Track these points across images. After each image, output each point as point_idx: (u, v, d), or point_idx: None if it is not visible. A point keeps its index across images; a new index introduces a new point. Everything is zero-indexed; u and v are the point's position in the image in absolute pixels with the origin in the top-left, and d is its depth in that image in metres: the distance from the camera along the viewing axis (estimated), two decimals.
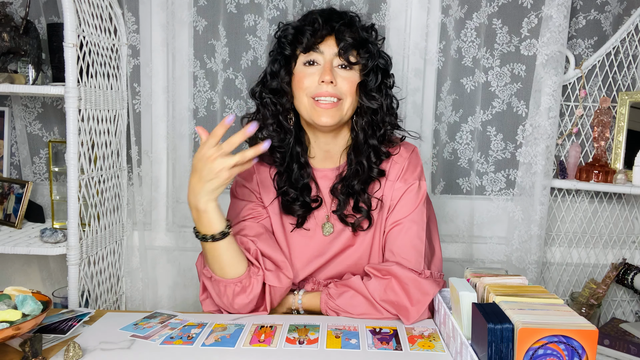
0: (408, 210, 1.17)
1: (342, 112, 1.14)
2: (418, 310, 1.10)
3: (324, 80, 1.11)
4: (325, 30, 1.12)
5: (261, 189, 1.24)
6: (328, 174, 1.22)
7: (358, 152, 1.18)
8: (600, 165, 1.59)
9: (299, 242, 1.22)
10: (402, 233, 1.16)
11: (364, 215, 1.18)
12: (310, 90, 1.13)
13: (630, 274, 1.57)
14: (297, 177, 1.20)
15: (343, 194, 1.18)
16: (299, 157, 1.20)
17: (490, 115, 1.68)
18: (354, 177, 1.17)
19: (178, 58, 1.67)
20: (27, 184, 1.61)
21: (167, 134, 1.69)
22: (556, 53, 1.53)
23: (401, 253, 1.15)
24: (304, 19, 1.17)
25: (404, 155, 1.21)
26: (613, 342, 1.48)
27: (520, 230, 1.63)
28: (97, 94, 1.46)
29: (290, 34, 1.15)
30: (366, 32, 1.17)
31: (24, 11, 1.53)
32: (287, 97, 1.17)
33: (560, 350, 0.77)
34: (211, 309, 1.17)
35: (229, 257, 1.09)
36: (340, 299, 1.13)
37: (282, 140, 1.19)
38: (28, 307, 0.95)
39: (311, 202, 1.20)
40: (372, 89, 1.15)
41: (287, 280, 1.15)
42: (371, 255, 1.21)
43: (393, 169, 1.20)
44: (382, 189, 1.20)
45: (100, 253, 1.55)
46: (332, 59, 1.13)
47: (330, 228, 1.21)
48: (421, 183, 1.20)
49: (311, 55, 1.13)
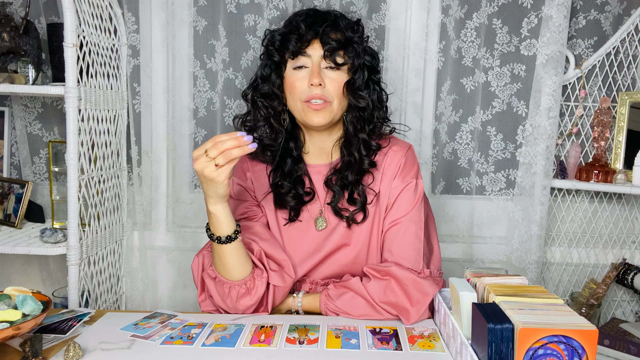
0: (406, 209, 1.18)
1: (332, 112, 1.16)
2: (418, 310, 1.10)
3: (312, 84, 1.13)
4: (310, 35, 1.14)
5: (255, 186, 1.26)
6: (321, 170, 1.24)
7: (349, 145, 1.20)
8: (600, 165, 1.59)
9: (292, 237, 1.23)
10: (400, 232, 1.17)
11: (358, 207, 1.18)
12: (301, 94, 1.15)
13: (630, 274, 1.57)
14: (290, 169, 1.22)
15: (337, 185, 1.19)
16: (292, 151, 1.23)
17: (490, 115, 1.68)
18: (347, 168, 1.19)
19: (178, 58, 1.67)
20: (27, 184, 1.61)
21: (167, 134, 1.69)
22: (556, 53, 1.53)
23: (400, 252, 1.15)
24: (288, 23, 1.18)
25: (400, 153, 1.22)
26: (613, 342, 1.48)
27: (520, 230, 1.64)
28: (97, 94, 1.46)
29: (277, 41, 1.17)
30: (352, 29, 1.17)
31: (24, 11, 1.53)
32: (279, 100, 1.19)
33: (560, 350, 0.77)
34: (210, 309, 1.18)
35: (234, 259, 1.10)
36: (340, 301, 1.13)
37: (274, 140, 1.22)
38: (28, 307, 0.95)
39: (304, 195, 1.22)
40: (360, 87, 1.16)
41: (290, 280, 1.16)
42: (369, 254, 1.21)
43: (390, 166, 1.21)
44: (379, 183, 1.20)
45: (100, 253, 1.55)
46: (319, 61, 1.14)
47: (323, 222, 1.21)
48: (418, 181, 1.21)
49: (299, 59, 1.15)
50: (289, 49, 1.14)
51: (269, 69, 1.19)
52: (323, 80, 1.13)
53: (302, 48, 1.14)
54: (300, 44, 1.14)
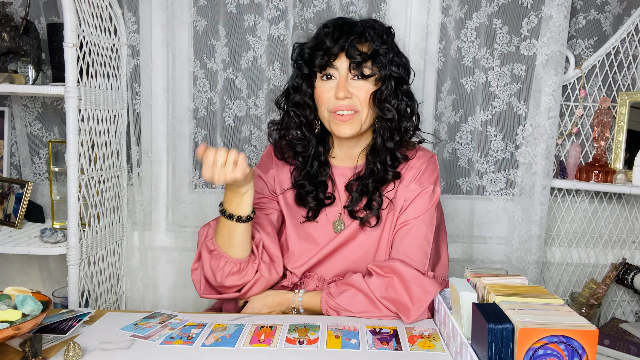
0: (419, 212, 1.20)
1: (360, 122, 1.18)
2: (419, 308, 1.10)
3: (338, 97, 1.15)
4: (336, 49, 1.16)
5: (276, 181, 1.30)
6: (346, 172, 1.27)
7: (375, 154, 1.22)
8: (600, 165, 1.59)
9: (308, 235, 1.25)
10: (410, 232, 1.19)
11: (373, 213, 1.21)
12: (329, 104, 1.18)
13: (630, 274, 1.57)
14: (315, 173, 1.26)
15: (357, 191, 1.22)
16: (319, 155, 1.26)
17: (490, 115, 1.68)
18: (370, 176, 1.21)
19: (178, 58, 1.67)
20: (27, 184, 1.61)
21: (167, 134, 1.69)
22: (556, 53, 1.53)
23: (407, 252, 1.17)
24: (316, 37, 1.21)
25: (422, 159, 1.24)
26: (613, 342, 1.48)
27: (520, 230, 1.63)
28: (97, 94, 1.46)
29: (306, 54, 1.20)
30: (380, 39, 1.18)
31: (24, 11, 1.53)
32: (310, 109, 1.23)
33: (560, 350, 0.77)
34: (196, 279, 1.21)
35: (241, 239, 1.15)
36: (341, 298, 1.14)
37: (305, 147, 1.26)
38: (28, 307, 0.95)
39: (325, 199, 1.25)
40: (386, 98, 1.17)
41: (277, 276, 1.20)
42: (377, 254, 1.22)
43: (409, 173, 1.23)
44: (395, 190, 1.23)
45: (100, 253, 1.55)
46: (346, 73, 1.17)
47: (341, 225, 1.25)
48: (436, 188, 1.23)
49: (328, 70, 1.18)
50: (316, 64, 1.18)
51: (300, 79, 1.23)
52: (349, 91, 1.16)
53: (329, 62, 1.17)
54: (327, 57, 1.16)
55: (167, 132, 1.69)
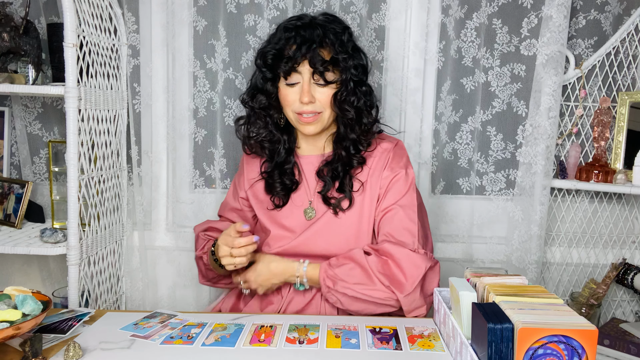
0: (398, 196, 1.25)
1: (323, 121, 1.26)
2: (412, 283, 1.14)
3: (303, 102, 1.22)
4: (299, 55, 1.21)
5: (247, 175, 1.39)
6: (313, 160, 1.33)
7: (339, 143, 1.29)
8: (600, 165, 1.59)
9: (280, 223, 1.31)
10: (395, 217, 1.24)
11: (346, 195, 1.25)
12: (294, 107, 1.25)
13: (630, 274, 1.57)
14: (282, 161, 1.33)
15: (328, 176, 1.28)
16: (285, 144, 1.33)
17: (490, 115, 1.68)
18: (338, 161, 1.28)
19: (178, 58, 1.67)
20: (27, 184, 1.61)
21: (167, 134, 1.69)
22: (556, 53, 1.53)
23: (395, 235, 1.22)
24: (277, 40, 1.25)
25: (387, 148, 1.30)
26: (613, 342, 1.48)
27: (520, 230, 1.63)
28: (97, 94, 1.46)
29: (270, 59, 1.24)
30: (340, 43, 1.23)
31: (24, 11, 1.53)
32: (275, 109, 1.30)
33: (560, 350, 0.77)
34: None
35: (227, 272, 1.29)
36: (340, 269, 1.18)
37: (272, 142, 1.33)
38: (28, 307, 0.95)
39: (292, 185, 1.32)
40: (345, 99, 1.24)
41: None
42: (359, 240, 1.25)
43: (379, 161, 1.29)
44: (366, 175, 1.28)
45: (100, 253, 1.55)
46: (309, 77, 1.23)
47: (312, 212, 1.30)
48: (408, 171, 1.28)
49: (292, 77, 1.24)
50: (281, 68, 1.23)
51: (264, 81, 1.28)
52: (313, 96, 1.22)
53: (293, 68, 1.22)
54: (291, 63, 1.21)
55: (167, 132, 1.69)
